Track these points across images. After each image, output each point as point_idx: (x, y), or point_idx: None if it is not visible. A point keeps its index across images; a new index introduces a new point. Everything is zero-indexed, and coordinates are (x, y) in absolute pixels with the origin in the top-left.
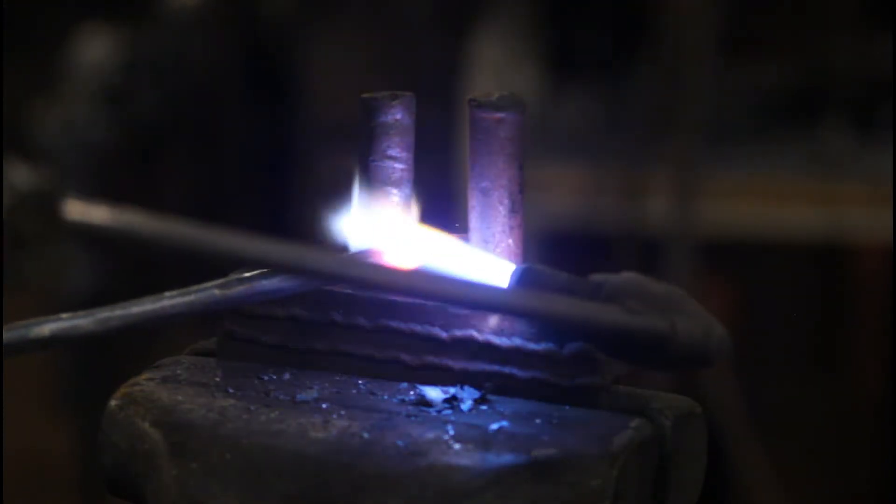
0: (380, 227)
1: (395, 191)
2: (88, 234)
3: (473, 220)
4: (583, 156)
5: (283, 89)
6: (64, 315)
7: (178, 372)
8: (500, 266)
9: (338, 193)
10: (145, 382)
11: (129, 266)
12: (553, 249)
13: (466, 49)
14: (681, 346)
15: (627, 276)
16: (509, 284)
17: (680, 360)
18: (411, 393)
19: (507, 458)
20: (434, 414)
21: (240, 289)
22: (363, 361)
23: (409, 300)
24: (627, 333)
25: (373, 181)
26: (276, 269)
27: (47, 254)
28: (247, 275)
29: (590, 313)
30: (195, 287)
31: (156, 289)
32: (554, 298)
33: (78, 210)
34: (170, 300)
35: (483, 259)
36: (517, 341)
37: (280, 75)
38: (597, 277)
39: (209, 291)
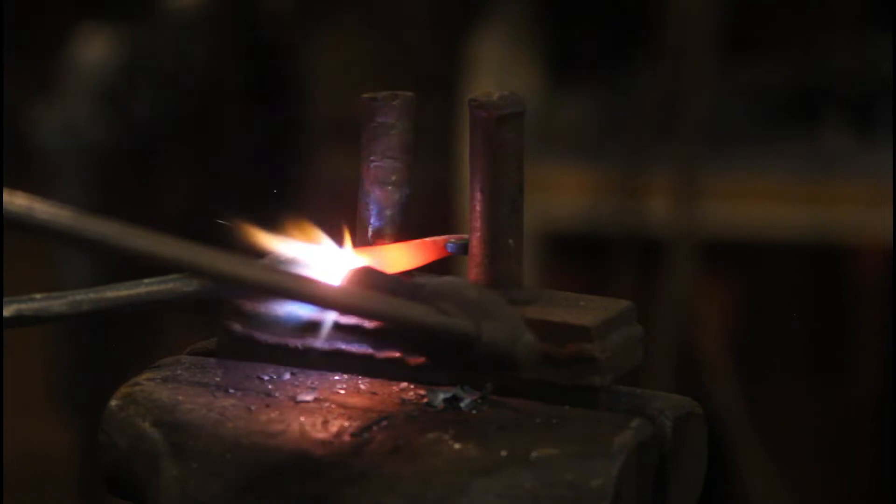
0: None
1: (394, 190)
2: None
3: (473, 221)
4: (583, 156)
5: (283, 89)
6: (37, 295)
7: (178, 372)
8: (333, 265)
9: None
10: (145, 382)
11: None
12: (554, 250)
13: (466, 49)
14: (485, 347)
15: (446, 280)
16: (340, 282)
17: (485, 360)
18: (411, 393)
19: (507, 458)
20: (434, 414)
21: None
22: (363, 361)
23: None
24: (434, 332)
25: (373, 181)
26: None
27: None
28: None
29: (399, 310)
30: (174, 275)
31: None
32: (369, 296)
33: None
34: (147, 287)
35: (318, 257)
36: None
37: (280, 75)
38: (419, 280)
39: (188, 280)
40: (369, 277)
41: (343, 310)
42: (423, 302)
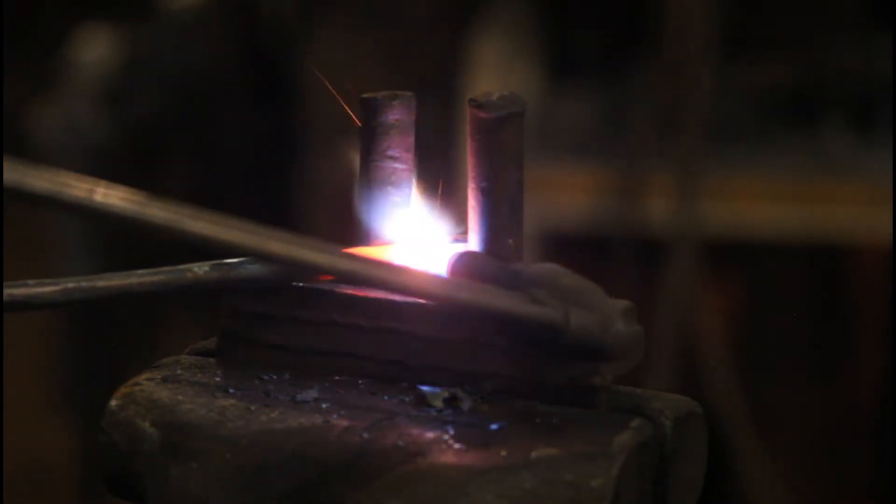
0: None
1: (394, 191)
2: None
3: (473, 220)
4: (584, 156)
5: (282, 89)
6: (30, 281)
7: (178, 372)
8: (441, 251)
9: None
10: (145, 382)
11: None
12: (554, 250)
13: (467, 48)
14: (573, 336)
15: (543, 267)
16: (443, 266)
17: (574, 350)
18: (411, 393)
19: (507, 458)
20: (434, 414)
21: (214, 274)
22: (363, 361)
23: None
24: (521, 322)
25: (373, 181)
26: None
27: None
28: (227, 261)
29: (486, 299)
30: (168, 268)
31: None
32: (457, 283)
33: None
34: (139, 277)
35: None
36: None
37: (280, 74)
38: (518, 266)
39: (181, 273)
40: (472, 262)
41: (428, 297)
42: (518, 289)
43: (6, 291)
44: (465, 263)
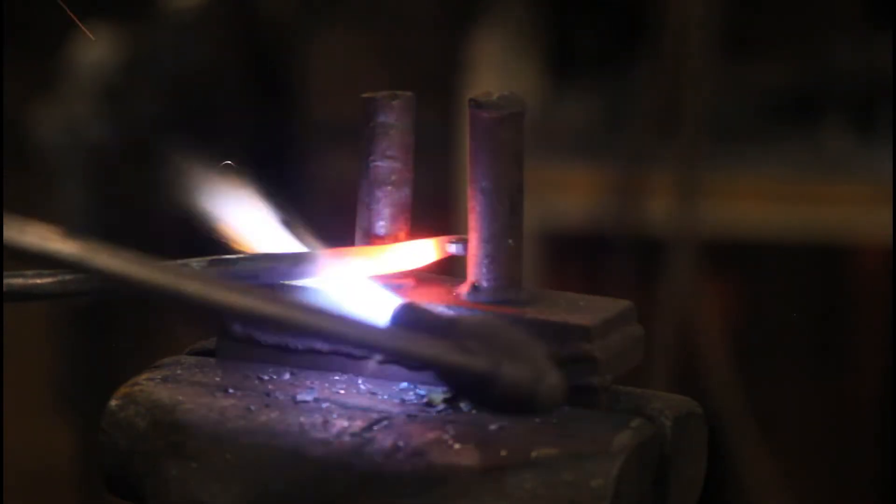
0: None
1: (394, 190)
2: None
3: (473, 221)
4: (584, 156)
5: (283, 89)
6: (28, 272)
7: (178, 372)
8: (380, 302)
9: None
10: (145, 382)
11: None
12: (554, 250)
13: (467, 48)
14: (505, 388)
15: (480, 318)
16: (382, 318)
17: (506, 402)
18: (411, 393)
19: (507, 459)
20: (434, 414)
21: (211, 270)
22: (363, 361)
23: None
24: (451, 371)
25: (373, 181)
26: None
27: None
28: (225, 257)
29: (416, 348)
30: (167, 263)
31: None
32: (385, 332)
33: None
34: None
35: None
36: None
37: (280, 75)
38: (454, 317)
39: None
40: (410, 313)
41: (358, 345)
42: (453, 338)
43: (5, 282)
44: (404, 314)
